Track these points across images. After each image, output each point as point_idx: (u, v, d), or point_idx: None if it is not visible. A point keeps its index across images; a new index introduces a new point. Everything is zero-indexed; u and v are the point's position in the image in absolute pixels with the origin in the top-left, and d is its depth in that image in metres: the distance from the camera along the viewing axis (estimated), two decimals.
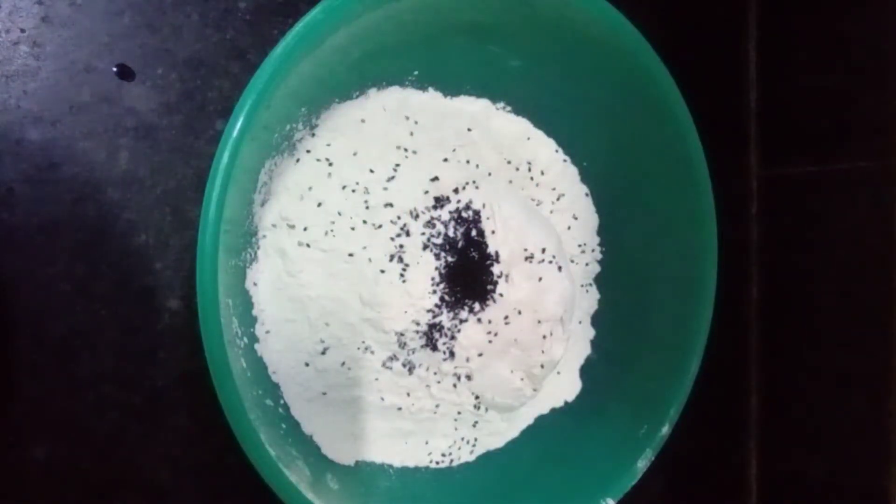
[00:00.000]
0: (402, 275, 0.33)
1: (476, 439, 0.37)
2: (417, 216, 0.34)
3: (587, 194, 0.40)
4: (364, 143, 0.34)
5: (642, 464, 0.36)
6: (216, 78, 0.34)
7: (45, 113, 0.31)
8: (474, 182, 0.35)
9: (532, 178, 0.38)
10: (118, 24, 0.32)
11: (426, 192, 0.34)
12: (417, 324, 0.33)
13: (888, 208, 0.40)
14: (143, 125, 0.32)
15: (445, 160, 0.36)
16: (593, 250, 0.40)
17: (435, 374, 0.34)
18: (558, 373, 0.38)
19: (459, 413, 0.36)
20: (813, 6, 0.44)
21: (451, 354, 0.34)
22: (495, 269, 0.34)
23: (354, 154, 0.34)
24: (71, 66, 0.31)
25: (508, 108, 0.38)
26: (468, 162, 0.37)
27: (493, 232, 0.35)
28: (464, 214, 0.34)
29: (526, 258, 0.35)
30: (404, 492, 0.35)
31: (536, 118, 0.39)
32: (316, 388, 0.33)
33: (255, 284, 0.32)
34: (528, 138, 0.38)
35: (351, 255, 0.33)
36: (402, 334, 0.33)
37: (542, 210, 0.39)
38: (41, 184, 0.31)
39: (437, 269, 0.33)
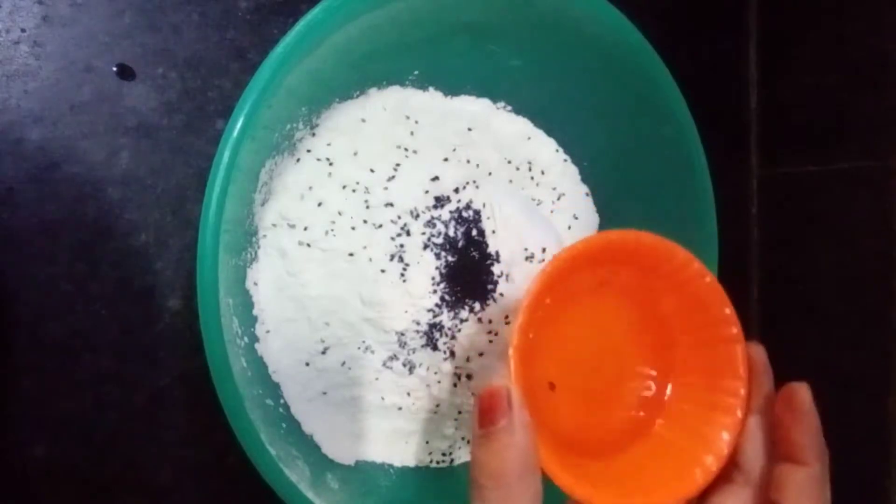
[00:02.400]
0: (402, 274, 0.33)
1: None
2: (418, 216, 0.34)
3: (587, 194, 0.40)
4: (364, 142, 0.34)
5: None
6: (216, 78, 0.34)
7: (46, 113, 0.31)
8: (475, 182, 0.35)
9: (532, 178, 0.38)
10: (118, 24, 0.32)
11: (426, 192, 0.34)
12: (418, 323, 0.33)
13: (888, 208, 0.40)
14: (144, 125, 0.32)
15: (446, 160, 0.36)
16: None
17: (435, 373, 0.34)
18: None
19: (460, 413, 0.36)
20: (813, 6, 0.44)
21: (452, 354, 0.34)
22: (496, 269, 0.34)
23: (355, 154, 0.34)
24: (71, 65, 0.31)
25: (508, 108, 0.38)
26: (468, 162, 0.37)
27: (493, 231, 0.35)
28: (464, 214, 0.34)
29: (526, 258, 0.35)
30: (404, 491, 0.35)
31: (536, 118, 0.39)
32: (316, 387, 0.33)
33: (255, 284, 0.32)
34: (529, 138, 0.38)
35: (351, 254, 0.33)
36: (402, 334, 0.33)
37: (543, 210, 0.39)
38: (41, 184, 0.31)
39: (437, 268, 0.33)
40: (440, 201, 0.34)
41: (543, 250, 0.36)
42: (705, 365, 0.27)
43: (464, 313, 0.34)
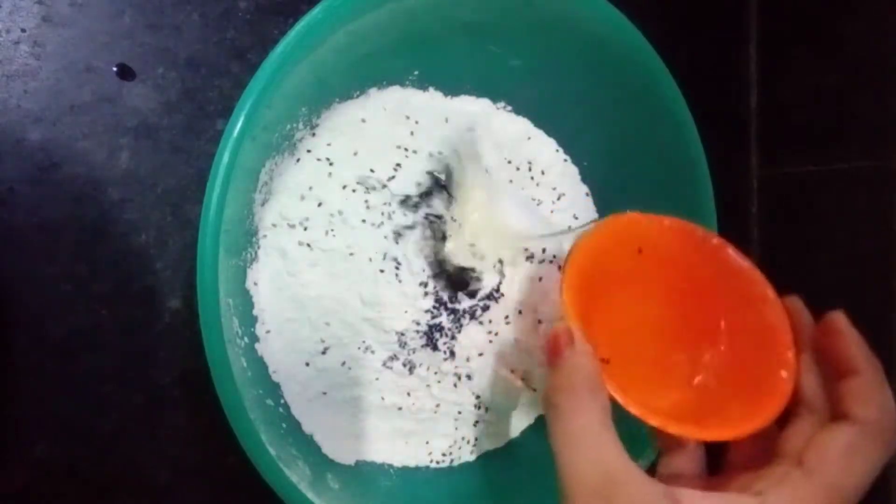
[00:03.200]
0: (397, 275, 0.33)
1: (476, 439, 0.37)
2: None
3: (587, 194, 0.40)
4: (364, 142, 0.34)
5: (643, 464, 0.36)
6: (216, 78, 0.34)
7: (46, 113, 0.31)
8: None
9: (532, 178, 0.38)
10: (118, 24, 0.32)
11: None
12: (418, 324, 0.33)
13: (888, 208, 0.40)
14: (144, 125, 0.32)
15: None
16: None
17: (435, 373, 0.34)
18: None
19: (460, 413, 0.36)
20: (813, 6, 0.44)
21: (452, 354, 0.34)
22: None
23: (355, 154, 0.34)
24: (71, 65, 0.31)
25: (508, 108, 0.38)
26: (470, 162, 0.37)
27: None
28: None
29: (527, 258, 0.35)
30: (404, 491, 0.35)
31: (536, 118, 0.39)
32: (316, 387, 0.33)
33: (255, 284, 0.32)
34: (529, 138, 0.38)
35: (351, 254, 0.33)
36: (402, 334, 0.33)
37: (543, 210, 0.39)
38: (41, 184, 0.31)
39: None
40: None
41: (543, 250, 0.36)
42: (751, 323, 0.29)
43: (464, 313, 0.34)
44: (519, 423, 0.38)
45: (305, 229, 0.33)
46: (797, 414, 0.27)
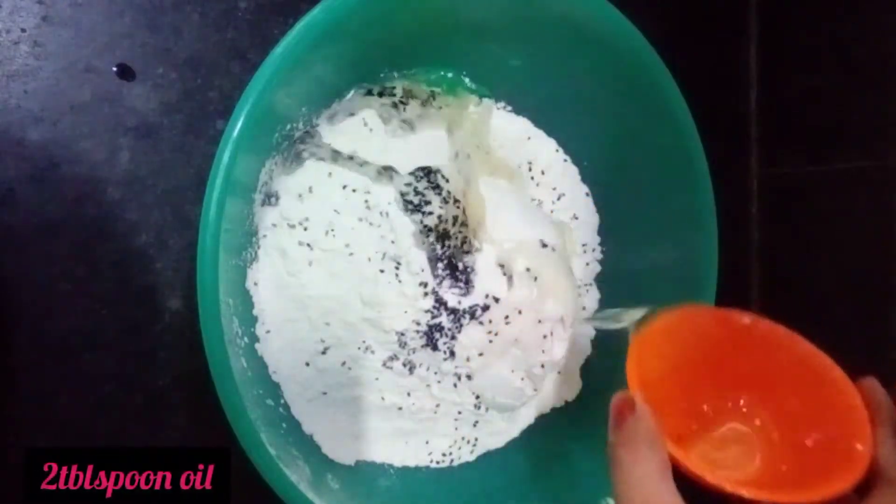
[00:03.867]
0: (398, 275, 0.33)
1: (476, 439, 0.37)
2: None
3: (587, 194, 0.40)
4: (364, 142, 0.34)
5: None
6: (216, 78, 0.34)
7: (46, 113, 0.31)
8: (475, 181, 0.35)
9: (532, 178, 0.38)
10: (119, 24, 0.32)
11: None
12: (418, 324, 0.33)
13: (888, 208, 0.40)
14: (144, 125, 0.32)
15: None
16: (594, 250, 0.40)
17: (435, 373, 0.34)
18: (559, 372, 0.38)
19: (460, 413, 0.36)
20: (812, 6, 0.44)
21: (452, 354, 0.34)
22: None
23: (355, 153, 0.34)
24: (71, 65, 0.31)
25: (508, 108, 0.38)
26: (469, 161, 0.37)
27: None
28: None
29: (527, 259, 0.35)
30: (404, 491, 0.35)
31: (536, 118, 0.39)
32: (316, 387, 0.33)
33: (255, 284, 0.32)
34: (529, 138, 0.39)
35: (351, 254, 0.33)
36: (402, 334, 0.33)
37: (543, 210, 0.39)
38: (41, 184, 0.31)
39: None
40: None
41: (544, 246, 0.36)
42: (822, 404, 0.30)
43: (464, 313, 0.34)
44: (519, 423, 0.38)
45: (305, 229, 0.33)
46: (875, 486, 0.27)
